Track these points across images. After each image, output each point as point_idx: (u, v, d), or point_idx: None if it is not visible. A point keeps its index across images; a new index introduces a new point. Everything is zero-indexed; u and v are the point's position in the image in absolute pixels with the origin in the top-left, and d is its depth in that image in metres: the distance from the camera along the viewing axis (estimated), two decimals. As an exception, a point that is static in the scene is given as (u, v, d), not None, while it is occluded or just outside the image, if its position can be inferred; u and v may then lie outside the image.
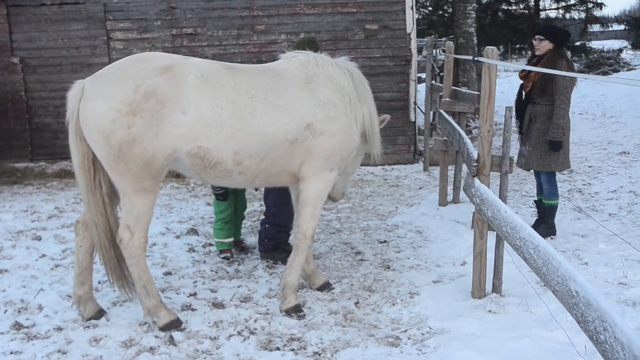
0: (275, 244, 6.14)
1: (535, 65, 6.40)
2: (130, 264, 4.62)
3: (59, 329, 4.74)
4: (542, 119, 6.46)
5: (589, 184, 8.97)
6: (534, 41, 6.64)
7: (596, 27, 28.41)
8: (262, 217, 6.35)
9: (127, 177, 4.36)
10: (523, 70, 6.82)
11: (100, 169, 4.53)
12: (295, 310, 4.94)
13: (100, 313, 4.87)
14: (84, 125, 4.37)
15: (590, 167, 10.05)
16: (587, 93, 19.65)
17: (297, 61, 4.94)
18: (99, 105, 4.28)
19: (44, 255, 6.37)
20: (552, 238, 6.50)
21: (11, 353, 4.37)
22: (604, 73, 24.75)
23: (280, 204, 5.94)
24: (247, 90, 4.56)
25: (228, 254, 6.24)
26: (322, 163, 4.82)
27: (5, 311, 5.04)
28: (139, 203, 4.45)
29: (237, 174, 4.65)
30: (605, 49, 28.43)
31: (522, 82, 6.78)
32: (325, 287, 5.46)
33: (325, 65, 4.92)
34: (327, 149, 4.79)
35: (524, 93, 6.71)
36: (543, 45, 6.54)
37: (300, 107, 4.70)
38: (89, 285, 4.84)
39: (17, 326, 4.74)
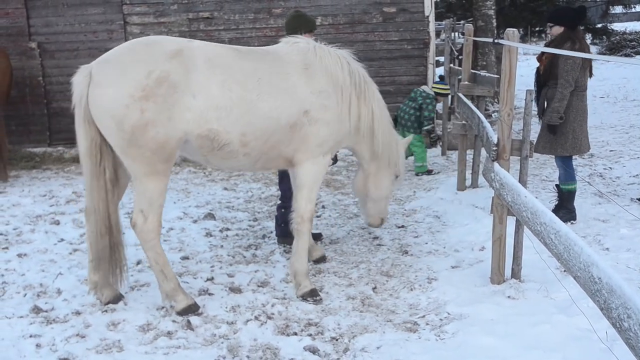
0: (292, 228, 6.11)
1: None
2: (145, 249, 4.65)
3: (78, 313, 4.76)
4: (551, 103, 6.39)
5: (610, 168, 8.84)
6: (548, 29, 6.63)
7: (618, 9, 27.84)
8: (279, 201, 6.32)
9: (140, 161, 4.40)
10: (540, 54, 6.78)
11: (106, 155, 4.56)
12: (312, 295, 4.93)
13: (118, 297, 4.89)
14: (95, 111, 4.39)
15: (611, 151, 9.90)
16: (608, 76, 19.34)
17: (297, 47, 5.00)
18: (112, 91, 4.30)
19: (62, 240, 6.42)
20: (572, 223, 6.42)
21: (30, 336, 4.40)
22: (626, 55, 24.30)
23: None
24: (254, 72, 4.64)
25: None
26: (315, 149, 4.92)
27: (25, 295, 5.09)
28: (151, 187, 4.49)
29: (242, 156, 4.72)
30: (627, 31, 27.91)
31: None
32: (322, 260, 5.74)
33: (323, 56, 4.98)
34: (321, 136, 4.89)
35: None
36: (554, 30, 6.52)
37: (299, 93, 4.79)
38: (103, 271, 4.85)
39: (36, 310, 4.77)
